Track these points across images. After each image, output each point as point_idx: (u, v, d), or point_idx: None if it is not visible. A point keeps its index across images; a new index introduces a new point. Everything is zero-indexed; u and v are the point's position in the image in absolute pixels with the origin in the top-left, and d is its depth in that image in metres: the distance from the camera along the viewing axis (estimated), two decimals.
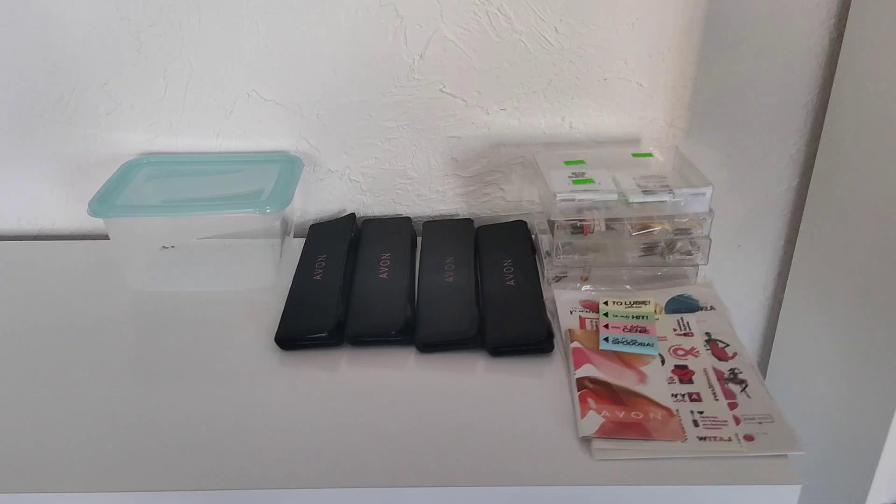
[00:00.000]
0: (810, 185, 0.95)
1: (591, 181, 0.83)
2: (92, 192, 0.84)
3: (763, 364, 1.11)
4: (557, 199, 0.81)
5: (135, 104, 0.92)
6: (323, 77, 0.90)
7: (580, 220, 0.82)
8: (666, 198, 0.82)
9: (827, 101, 0.91)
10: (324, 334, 0.75)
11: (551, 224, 0.82)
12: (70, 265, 0.92)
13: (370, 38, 0.88)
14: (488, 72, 0.90)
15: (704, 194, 0.82)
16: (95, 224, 0.98)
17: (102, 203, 0.82)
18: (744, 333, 1.10)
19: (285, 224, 0.88)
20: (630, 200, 0.82)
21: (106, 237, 0.96)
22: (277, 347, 0.76)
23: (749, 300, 1.08)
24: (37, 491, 0.61)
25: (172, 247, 0.90)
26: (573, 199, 0.81)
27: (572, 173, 0.85)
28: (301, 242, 0.92)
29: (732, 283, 1.07)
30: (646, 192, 0.82)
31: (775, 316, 1.07)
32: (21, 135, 0.93)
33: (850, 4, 0.86)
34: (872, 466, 0.82)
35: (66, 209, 0.98)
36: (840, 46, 0.87)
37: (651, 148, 0.93)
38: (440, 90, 0.91)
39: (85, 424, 0.67)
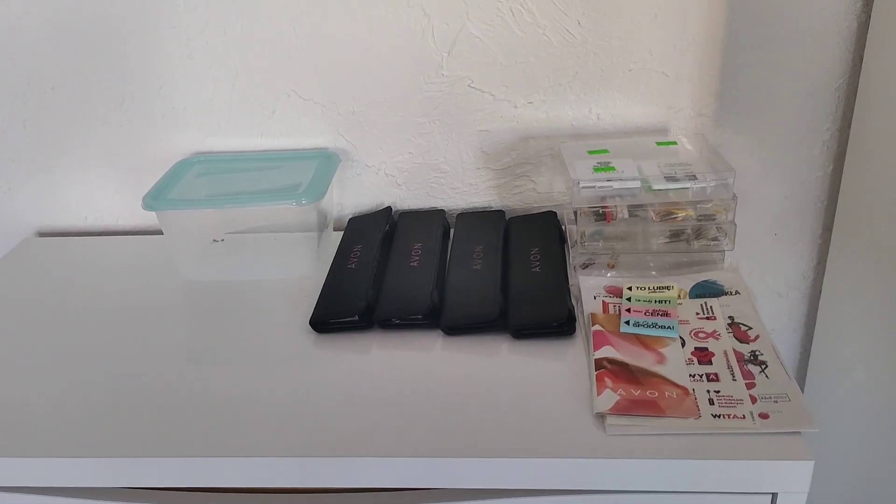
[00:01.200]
0: (844, 172, 0.95)
1: (613, 169, 0.85)
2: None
3: (805, 353, 1.10)
4: (579, 186, 0.83)
5: (187, 107, 0.98)
6: (357, 76, 0.95)
7: (602, 207, 0.84)
8: (689, 184, 0.83)
9: (857, 86, 0.90)
10: (354, 318, 0.79)
11: (575, 212, 0.85)
12: (130, 258, 0.99)
13: (400, 38, 0.92)
14: (515, 66, 0.93)
15: (728, 180, 0.82)
16: (154, 221, 1.04)
17: (155, 198, 0.88)
18: (786, 323, 1.10)
19: (323, 217, 0.93)
20: (653, 187, 0.83)
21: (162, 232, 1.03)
22: (312, 331, 0.81)
23: (790, 290, 1.07)
24: (100, 455, 0.67)
25: (222, 240, 0.96)
26: (594, 187, 0.83)
27: (596, 162, 0.87)
28: (340, 235, 0.97)
29: (772, 272, 1.06)
30: (668, 179, 0.83)
31: (816, 305, 1.06)
32: (87, 139, 1.01)
33: None
34: None
35: (127, 207, 1.06)
36: (867, 30, 0.87)
37: (677, 136, 0.94)
38: (469, 85, 0.95)
39: (143, 398, 0.73)
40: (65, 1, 0.92)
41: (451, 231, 0.97)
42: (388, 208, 1.00)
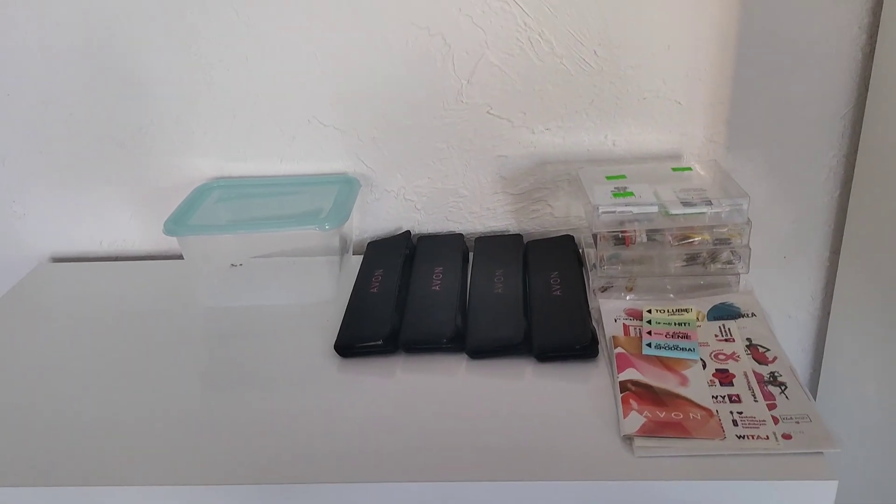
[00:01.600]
0: (851, 197, 0.97)
1: (631, 194, 0.87)
2: (167, 215, 0.91)
3: (815, 373, 1.12)
4: (599, 211, 0.85)
5: (207, 132, 1.00)
6: (377, 103, 0.97)
7: (621, 232, 0.85)
8: (705, 209, 0.85)
9: (863, 114, 0.93)
10: (379, 342, 0.81)
11: (595, 236, 0.86)
12: (147, 283, 0.99)
13: (421, 66, 0.94)
14: (532, 94, 0.95)
15: (742, 205, 0.85)
16: (170, 245, 1.06)
17: (176, 223, 0.90)
18: (795, 344, 1.12)
19: (344, 241, 0.94)
20: (670, 212, 0.85)
21: (179, 257, 1.04)
22: (337, 355, 0.82)
23: (799, 311, 1.10)
24: (119, 484, 0.67)
25: (240, 265, 0.97)
26: (614, 212, 0.85)
27: (614, 187, 0.89)
28: (359, 259, 0.98)
29: (781, 294, 1.08)
30: (685, 204, 0.85)
31: (825, 325, 1.09)
32: (103, 164, 1.02)
33: (879, 22, 0.88)
34: None
35: (143, 232, 1.07)
36: (872, 61, 0.90)
37: (691, 162, 0.96)
38: (487, 112, 0.97)
39: (163, 426, 0.73)
40: (84, 28, 0.94)
41: (471, 255, 0.98)
42: (408, 232, 1.02)
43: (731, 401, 0.72)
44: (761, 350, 0.79)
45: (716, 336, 0.81)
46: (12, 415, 0.76)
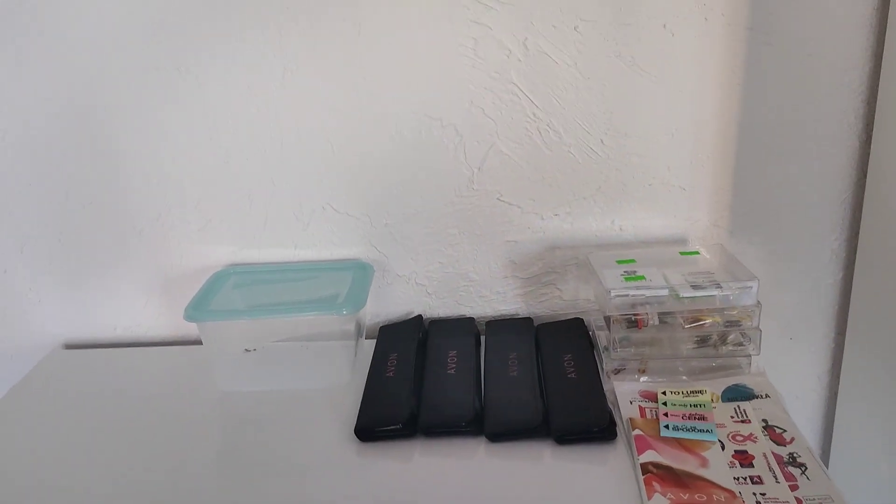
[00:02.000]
0: (854, 278, 1.00)
1: (642, 278, 0.89)
2: (182, 301, 0.93)
3: (825, 452, 1.12)
4: (612, 295, 0.87)
5: (223, 220, 1.02)
6: (390, 190, 1.00)
7: (634, 315, 0.87)
8: (714, 292, 0.87)
9: (862, 198, 0.96)
10: (399, 426, 0.81)
11: (607, 319, 0.88)
12: (162, 369, 1.00)
13: (433, 155, 0.97)
14: (541, 181, 0.98)
15: (751, 288, 0.87)
16: (185, 331, 1.06)
17: (197, 308, 0.91)
18: (804, 423, 1.12)
19: (359, 326, 0.96)
20: (680, 295, 0.87)
21: (193, 342, 1.04)
22: (354, 440, 0.82)
23: (806, 391, 1.10)
24: None
25: (255, 349, 0.98)
26: (626, 295, 0.87)
27: (624, 271, 0.91)
28: (373, 343, 0.99)
29: (788, 375, 1.09)
30: (695, 287, 0.87)
31: (833, 405, 1.09)
32: (121, 251, 1.04)
33: (874, 111, 0.93)
34: None
35: (158, 318, 1.07)
36: (869, 147, 0.94)
37: (697, 246, 0.99)
38: (498, 199, 1.00)
39: None
40: (103, 118, 0.97)
41: (483, 338, 0.99)
42: (419, 316, 1.03)
43: (752, 482, 0.72)
44: (778, 431, 0.79)
45: (731, 417, 0.82)
46: (26, 503, 0.75)
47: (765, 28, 0.91)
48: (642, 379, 0.89)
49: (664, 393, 0.85)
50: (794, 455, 0.75)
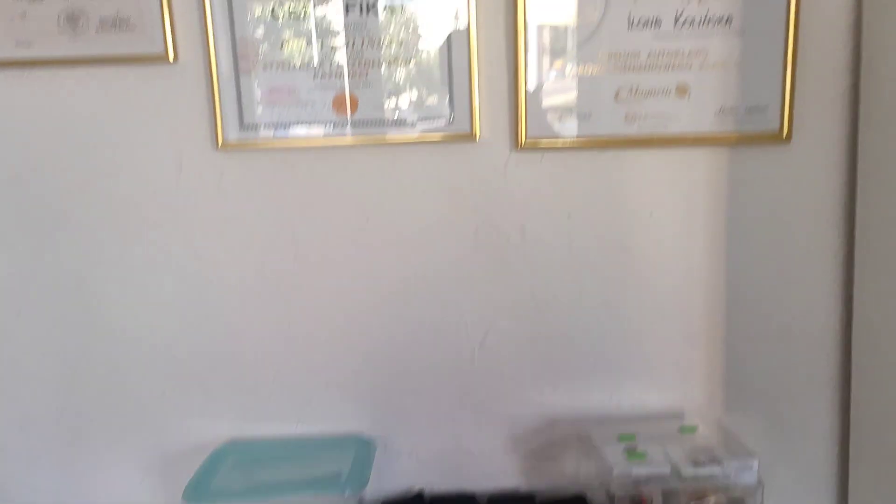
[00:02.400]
0: (850, 457, 1.01)
1: (643, 455, 0.90)
2: (179, 477, 0.92)
3: None
4: (614, 472, 0.88)
5: (227, 397, 1.03)
6: (392, 367, 1.02)
7: (637, 494, 0.87)
8: (716, 470, 0.88)
9: (850, 378, 0.99)
10: None
11: (611, 497, 0.88)
12: None
13: (435, 333, 1.01)
14: (541, 357, 1.01)
15: (752, 466, 0.88)
16: None
17: (197, 489, 0.90)
18: None
19: (361, 502, 0.95)
20: (682, 473, 0.88)
21: None
22: None
23: None
24: None
25: None
26: (629, 474, 0.88)
27: (626, 448, 0.92)
28: None
29: None
30: (696, 465, 0.88)
31: None
32: (121, 429, 1.04)
33: (852, 292, 0.98)
34: None
35: (154, 494, 1.06)
36: (851, 330, 0.98)
37: (695, 422, 1.01)
38: (498, 374, 1.02)
39: None
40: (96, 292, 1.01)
41: None
42: (421, 491, 1.02)
43: None
44: None
45: None
46: None
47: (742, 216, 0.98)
48: None
49: None
50: None
